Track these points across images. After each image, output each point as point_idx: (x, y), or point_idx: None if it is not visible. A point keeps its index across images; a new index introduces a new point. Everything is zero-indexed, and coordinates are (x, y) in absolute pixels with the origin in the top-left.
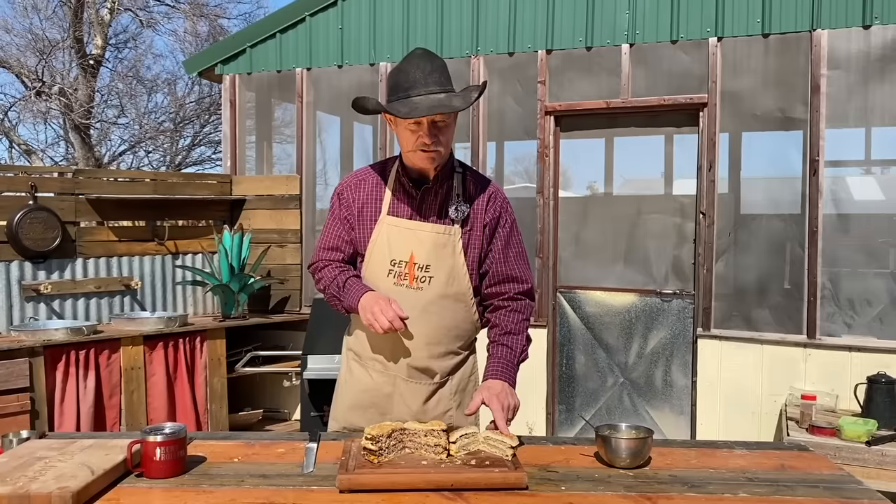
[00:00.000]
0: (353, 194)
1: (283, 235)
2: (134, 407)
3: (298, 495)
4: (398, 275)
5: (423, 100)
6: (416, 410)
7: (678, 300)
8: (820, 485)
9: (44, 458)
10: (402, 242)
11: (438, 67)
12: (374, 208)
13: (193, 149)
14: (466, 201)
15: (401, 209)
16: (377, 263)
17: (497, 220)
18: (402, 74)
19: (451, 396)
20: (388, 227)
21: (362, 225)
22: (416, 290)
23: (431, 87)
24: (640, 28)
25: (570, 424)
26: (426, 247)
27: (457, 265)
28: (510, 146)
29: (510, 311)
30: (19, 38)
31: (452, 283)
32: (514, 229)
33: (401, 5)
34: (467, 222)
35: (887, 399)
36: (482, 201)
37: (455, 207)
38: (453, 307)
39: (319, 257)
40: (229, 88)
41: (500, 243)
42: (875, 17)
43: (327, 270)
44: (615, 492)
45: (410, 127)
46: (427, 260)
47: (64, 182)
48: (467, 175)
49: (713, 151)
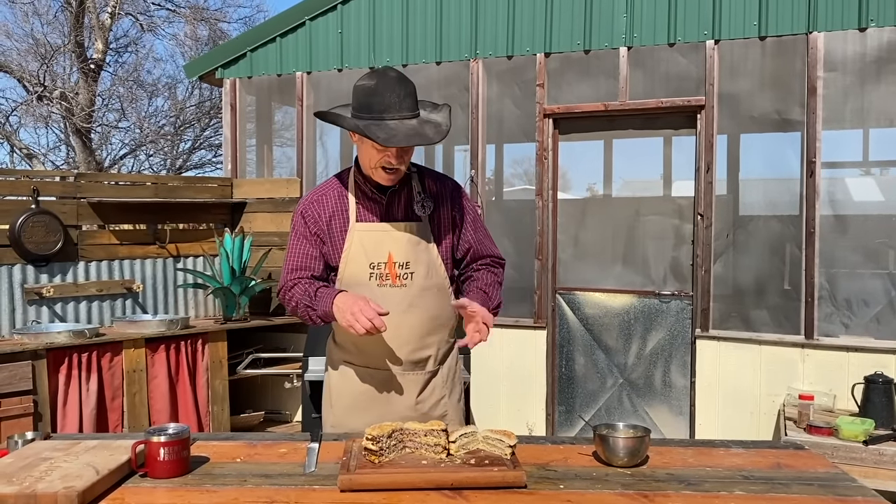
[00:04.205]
0: (318, 210)
1: (283, 238)
2: (136, 409)
3: (300, 495)
4: (380, 276)
5: (399, 125)
6: (412, 402)
7: (677, 301)
8: (815, 482)
9: (49, 458)
10: (378, 245)
11: (411, 93)
12: (341, 219)
13: (194, 152)
14: (429, 197)
15: (368, 215)
16: (356, 269)
17: (462, 210)
18: (375, 97)
19: (444, 384)
20: (359, 233)
21: (332, 237)
22: (400, 287)
23: (405, 112)
24: (638, 31)
25: (569, 425)
26: (402, 245)
27: (432, 257)
28: (509, 148)
29: (487, 271)
30: (21, 42)
31: (432, 276)
32: (476, 214)
33: (400, 9)
34: (434, 216)
35: (884, 399)
36: (445, 195)
37: (421, 204)
38: (436, 297)
39: (287, 279)
40: (230, 92)
41: (470, 230)
42: (871, 19)
43: (297, 288)
44: (613, 490)
45: (377, 147)
46: (406, 257)
47: (65, 186)
48: (423, 174)
49: (711, 153)
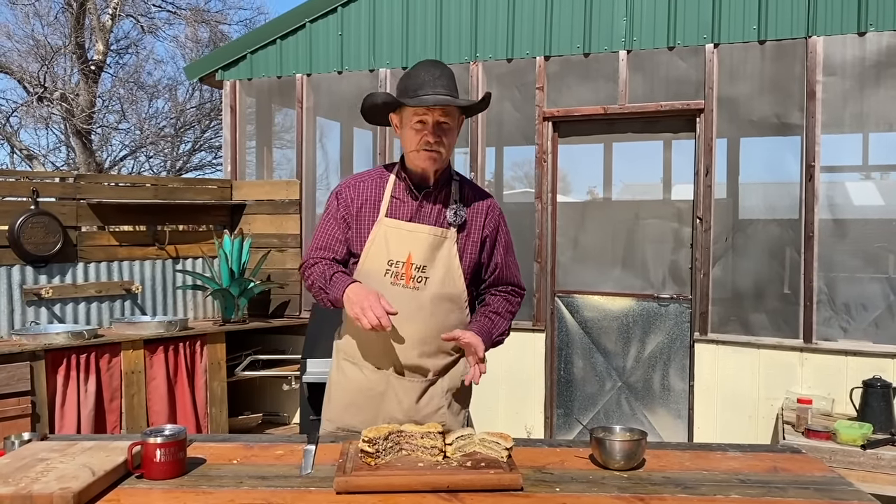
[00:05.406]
0: (353, 194)
1: (283, 240)
2: (134, 411)
3: (296, 496)
4: (395, 274)
5: (431, 97)
6: (408, 408)
7: (675, 304)
8: (811, 486)
9: (46, 459)
10: (401, 243)
11: (447, 74)
12: (372, 209)
13: (194, 154)
14: (464, 208)
15: (399, 212)
16: (374, 262)
17: (496, 231)
18: (411, 79)
19: (443, 395)
20: (386, 228)
21: (360, 225)
22: (412, 289)
23: (439, 89)
24: (638, 34)
25: (567, 428)
26: (423, 248)
27: (452, 267)
28: (509, 151)
29: (503, 298)
30: (21, 43)
31: (447, 285)
32: (509, 239)
33: (400, 12)
34: (464, 227)
35: (882, 403)
36: (481, 211)
37: (454, 211)
38: (447, 308)
39: (310, 255)
40: (230, 94)
41: (501, 252)
42: (870, 24)
43: (317, 267)
44: (609, 493)
45: (415, 126)
46: (424, 261)
47: (65, 187)
48: (464, 184)
49: (710, 157)
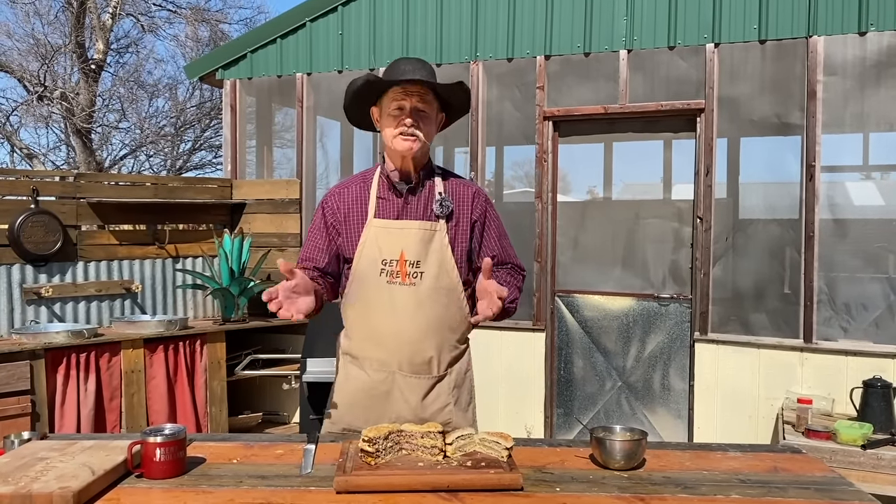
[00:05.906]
0: (338, 202)
1: (283, 239)
2: (134, 410)
3: (296, 496)
4: (391, 273)
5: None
6: (414, 406)
7: (676, 304)
8: (811, 486)
9: (45, 458)
10: (392, 242)
11: (427, 67)
12: (360, 213)
13: (194, 153)
14: (449, 199)
15: (387, 211)
16: (368, 264)
17: (484, 215)
18: (392, 69)
19: (450, 392)
20: (376, 229)
21: (349, 230)
22: (409, 286)
23: (418, 75)
24: (638, 34)
25: (567, 428)
26: (415, 243)
27: (445, 258)
28: (509, 151)
29: (506, 272)
30: (21, 42)
31: (442, 277)
32: (500, 224)
33: (400, 11)
34: (451, 217)
35: (882, 403)
36: (466, 198)
37: (440, 203)
38: (445, 300)
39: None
40: (230, 93)
41: (493, 236)
42: (871, 23)
43: None
44: (609, 493)
45: (393, 112)
46: (417, 256)
47: (65, 186)
48: (448, 175)
49: (710, 156)
